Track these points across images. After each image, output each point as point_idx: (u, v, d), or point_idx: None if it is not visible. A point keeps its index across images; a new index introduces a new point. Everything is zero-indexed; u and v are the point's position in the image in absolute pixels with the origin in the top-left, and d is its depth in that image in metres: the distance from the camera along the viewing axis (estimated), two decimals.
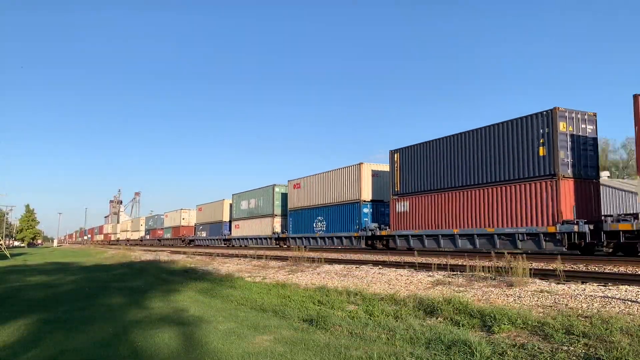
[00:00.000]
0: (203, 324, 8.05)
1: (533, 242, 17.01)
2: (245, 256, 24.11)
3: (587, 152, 17.11)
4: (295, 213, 33.36)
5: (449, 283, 10.37)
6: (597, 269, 11.51)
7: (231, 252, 29.24)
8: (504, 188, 18.12)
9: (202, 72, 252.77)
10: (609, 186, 29.87)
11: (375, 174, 27.14)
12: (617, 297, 7.57)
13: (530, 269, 9.97)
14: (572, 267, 11.77)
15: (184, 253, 33.68)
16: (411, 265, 13.76)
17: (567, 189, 16.45)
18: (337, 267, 15.58)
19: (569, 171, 16.68)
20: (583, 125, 17.32)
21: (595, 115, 17.48)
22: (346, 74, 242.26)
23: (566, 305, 7.41)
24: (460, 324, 7.09)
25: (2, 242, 54.01)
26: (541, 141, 17.01)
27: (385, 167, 25.79)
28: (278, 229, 36.11)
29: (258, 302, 10.33)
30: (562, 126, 16.80)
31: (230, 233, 43.75)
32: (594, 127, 17.46)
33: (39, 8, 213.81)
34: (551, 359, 5.27)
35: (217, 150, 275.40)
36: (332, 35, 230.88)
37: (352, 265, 15.58)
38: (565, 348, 5.52)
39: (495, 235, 18.18)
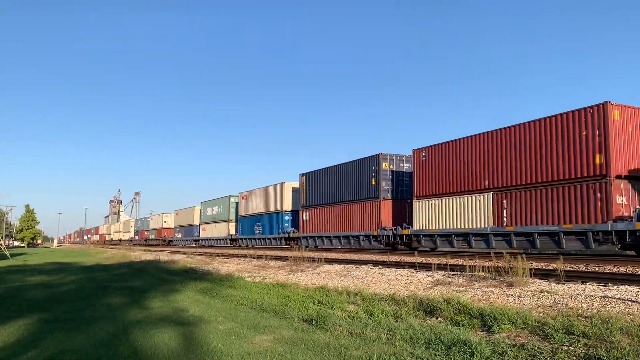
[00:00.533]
0: (203, 324, 8.05)
1: (368, 241, 25.57)
2: (245, 256, 24.11)
3: (403, 182, 25.14)
4: (243, 219, 41.34)
5: (449, 283, 10.37)
6: (597, 269, 11.51)
7: (231, 252, 29.25)
8: (353, 205, 26.73)
9: (202, 72, 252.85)
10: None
11: (295, 190, 34.25)
12: (617, 297, 7.57)
13: (531, 269, 9.96)
14: (572, 267, 11.77)
15: (184, 253, 33.67)
16: (411, 265, 13.76)
17: (386, 207, 24.62)
18: (337, 267, 15.58)
19: (389, 195, 24.82)
20: (401, 164, 25.50)
21: (411, 156, 23.58)
22: (345, 75, 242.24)
23: (566, 305, 7.40)
24: (460, 324, 7.09)
25: (2, 242, 53.99)
26: (373, 175, 25.25)
27: None
28: (233, 231, 43.42)
29: (258, 302, 10.33)
30: (384, 165, 25.02)
31: (199, 235, 51.21)
32: (411, 164, 23.85)
33: (39, 8, 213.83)
34: (551, 359, 5.27)
35: (217, 150, 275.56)
36: (330, 36, 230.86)
37: (352, 265, 15.58)
38: (566, 348, 5.52)
39: (350, 237, 26.77)
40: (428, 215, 21.12)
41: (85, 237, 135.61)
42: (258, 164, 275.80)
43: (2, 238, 59.51)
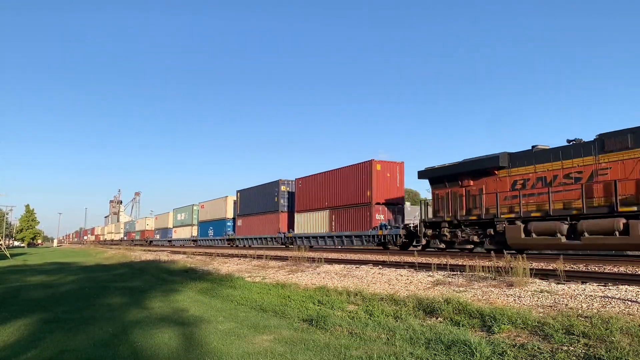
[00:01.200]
0: (203, 324, 8.05)
1: (272, 241, 36.07)
2: (245, 256, 24.12)
3: (293, 200, 34.29)
4: (201, 224, 51.56)
5: (448, 283, 10.37)
6: (597, 269, 11.51)
7: (230, 252, 29.24)
8: (265, 215, 37.54)
9: (202, 73, 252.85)
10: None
11: (235, 202, 43.81)
12: (617, 297, 7.57)
13: (531, 269, 9.96)
14: (572, 267, 11.76)
15: (184, 253, 33.66)
16: (411, 265, 13.76)
17: (283, 217, 35.33)
18: (337, 267, 15.58)
19: (285, 209, 35.55)
20: (293, 187, 34.60)
21: (294, 180, 34.19)
22: (345, 75, 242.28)
23: (566, 305, 7.40)
24: (460, 324, 7.09)
25: (2, 242, 53.97)
26: (275, 194, 35.83)
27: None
28: (195, 233, 53.49)
29: (258, 302, 10.33)
30: (282, 188, 35.63)
31: (172, 236, 61.05)
32: (295, 187, 34.15)
33: (39, 8, 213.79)
34: (551, 359, 5.27)
35: (216, 150, 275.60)
36: (329, 36, 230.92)
37: (352, 265, 15.58)
38: (565, 348, 5.52)
39: (263, 238, 37.52)
40: (301, 223, 32.63)
41: (85, 237, 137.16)
42: (258, 162, 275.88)
43: (2, 238, 59.50)
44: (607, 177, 14.77)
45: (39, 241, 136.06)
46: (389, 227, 24.75)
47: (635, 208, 13.73)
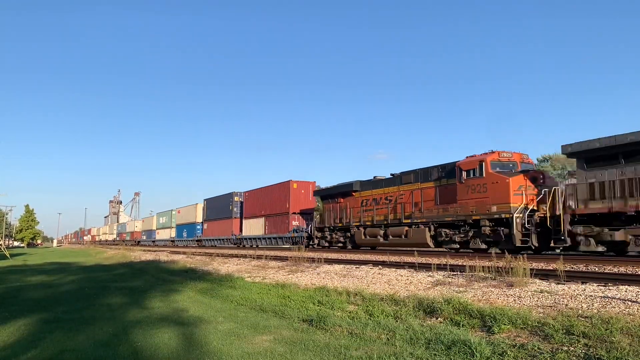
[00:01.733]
0: (203, 324, 8.05)
1: (229, 242, 43.22)
2: (245, 256, 24.12)
3: (242, 208, 41.99)
4: (178, 226, 58.78)
5: (448, 283, 10.36)
6: (597, 269, 11.51)
7: (230, 252, 29.25)
8: (224, 221, 44.39)
9: (202, 73, 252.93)
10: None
11: (203, 208, 50.16)
12: (617, 297, 7.57)
13: (531, 269, 9.96)
14: (572, 267, 11.76)
15: (184, 253, 33.66)
16: (411, 266, 13.75)
17: (236, 223, 42.26)
18: (337, 267, 15.57)
19: (237, 215, 42.48)
20: (243, 197, 41.89)
21: (243, 193, 42.09)
22: (345, 75, 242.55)
23: (566, 305, 7.40)
24: (460, 324, 7.09)
25: (1, 242, 53.95)
26: (230, 203, 42.95)
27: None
28: (173, 235, 60.00)
29: (258, 303, 10.33)
30: (236, 198, 42.65)
31: (156, 237, 66.85)
32: (243, 198, 41.86)
33: (38, 8, 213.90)
34: (551, 359, 5.27)
35: (216, 150, 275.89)
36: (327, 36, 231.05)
37: (352, 266, 15.58)
38: (566, 348, 5.52)
39: (222, 239, 44.75)
40: (247, 227, 40.20)
41: (85, 238, 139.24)
42: (260, 162, 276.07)
43: (2, 238, 59.49)
44: (402, 200, 22.21)
45: (39, 241, 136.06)
46: (299, 231, 32.31)
47: (409, 220, 21.50)
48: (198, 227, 51.00)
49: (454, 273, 11.60)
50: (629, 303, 7.11)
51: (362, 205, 25.07)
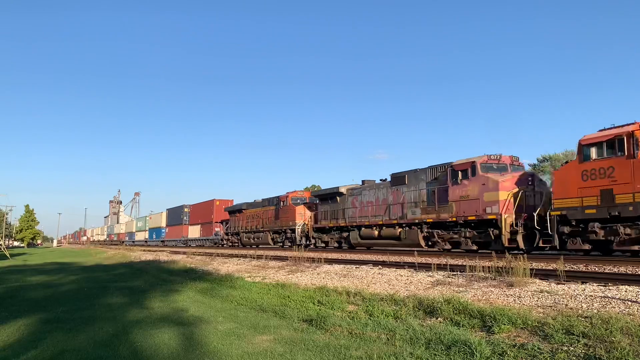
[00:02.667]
0: (203, 324, 8.05)
1: (180, 243, 54.07)
2: (245, 256, 24.11)
3: (189, 217, 54.16)
4: (150, 230, 68.35)
5: (448, 283, 10.36)
6: (597, 269, 11.50)
7: (230, 252, 29.26)
8: (178, 226, 55.96)
9: (202, 73, 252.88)
10: None
11: (166, 216, 61.53)
12: (617, 297, 7.57)
13: (531, 269, 9.95)
14: (572, 267, 11.76)
15: (184, 253, 33.66)
16: (411, 266, 13.75)
17: (185, 228, 53.93)
18: (337, 267, 15.57)
19: (187, 222, 53.96)
20: (190, 209, 53.81)
21: (189, 206, 53.55)
22: (345, 75, 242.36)
23: (566, 305, 7.40)
24: (460, 324, 7.09)
25: (2, 242, 53.97)
26: (182, 214, 54.64)
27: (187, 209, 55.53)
28: (147, 237, 69.52)
29: (258, 302, 10.33)
30: (185, 209, 54.39)
31: (135, 238, 76.46)
32: (190, 209, 53.94)
33: (38, 9, 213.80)
34: (551, 359, 5.27)
35: (216, 149, 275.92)
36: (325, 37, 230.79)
37: (352, 266, 15.57)
38: (565, 348, 5.52)
39: (177, 241, 55.84)
40: (191, 231, 51.16)
41: (82, 238, 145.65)
42: (259, 161, 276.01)
43: (2, 238, 59.51)
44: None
45: (39, 241, 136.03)
46: (218, 235, 45.11)
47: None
48: (163, 230, 62.88)
49: (454, 273, 11.60)
50: (629, 303, 7.10)
51: (247, 218, 37.62)
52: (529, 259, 10.98)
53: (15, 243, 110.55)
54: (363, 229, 24.16)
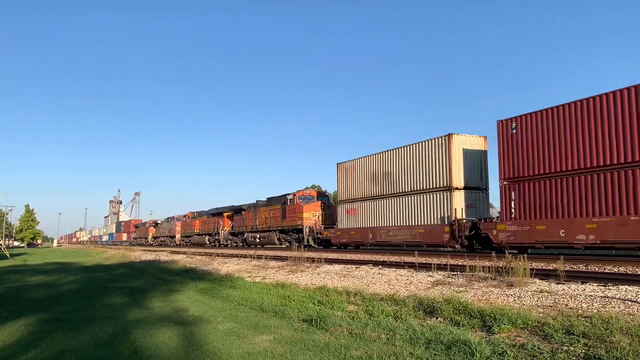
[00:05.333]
0: (203, 324, 8.05)
1: (125, 244, 77.36)
2: (245, 256, 24.11)
3: (128, 227, 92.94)
4: (109, 234, 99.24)
5: (449, 283, 10.36)
6: (597, 269, 11.51)
7: (230, 252, 29.25)
8: (120, 233, 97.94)
9: (202, 73, 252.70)
10: None
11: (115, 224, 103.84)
12: (617, 297, 7.57)
13: (531, 269, 9.96)
14: (572, 267, 11.76)
15: (184, 253, 33.66)
16: (411, 266, 13.76)
17: (125, 235, 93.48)
18: (337, 267, 15.57)
19: (125, 230, 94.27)
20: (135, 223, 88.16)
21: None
22: (344, 76, 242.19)
23: (566, 305, 7.40)
24: (460, 324, 7.09)
25: (2, 242, 53.98)
26: (120, 224, 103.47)
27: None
28: (107, 239, 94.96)
29: (258, 302, 10.33)
30: (132, 222, 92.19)
31: (102, 240, 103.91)
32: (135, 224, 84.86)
33: (38, 9, 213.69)
34: (551, 359, 5.27)
35: (216, 149, 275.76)
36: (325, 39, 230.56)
37: (352, 266, 15.58)
38: (565, 348, 5.52)
39: (123, 242, 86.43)
40: (138, 234, 76.64)
41: (74, 239, 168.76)
42: (260, 161, 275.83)
43: (2, 238, 59.52)
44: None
45: (39, 241, 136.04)
46: (130, 240, 63.66)
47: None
48: (113, 234, 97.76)
49: (454, 273, 11.61)
50: (629, 303, 7.11)
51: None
52: (529, 259, 10.99)
53: (16, 243, 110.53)
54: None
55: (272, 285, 13.06)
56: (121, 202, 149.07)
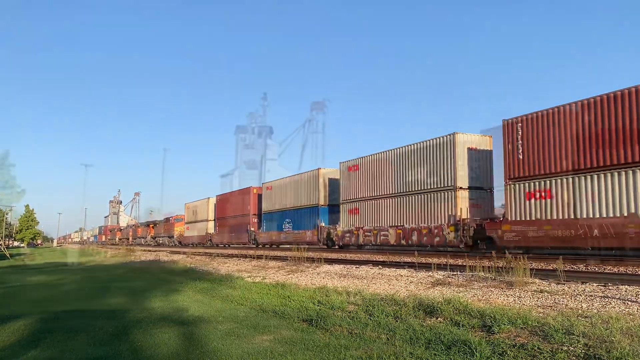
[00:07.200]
0: (203, 323, 8.05)
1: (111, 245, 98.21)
2: (244, 256, 24.13)
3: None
4: (94, 236, 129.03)
5: (449, 283, 10.37)
6: (597, 269, 11.52)
7: (230, 252, 29.26)
8: (101, 235, 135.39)
9: (202, 73, 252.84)
10: None
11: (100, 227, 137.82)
12: (617, 297, 7.57)
13: (531, 269, 9.97)
14: (572, 267, 11.77)
15: (184, 253, 33.68)
16: (411, 265, 13.77)
17: (111, 235, 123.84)
18: (337, 267, 15.58)
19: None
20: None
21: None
22: (344, 76, 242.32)
23: (566, 305, 7.40)
24: (460, 324, 7.09)
25: (2, 242, 54.02)
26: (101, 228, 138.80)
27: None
28: (92, 239, 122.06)
29: (258, 302, 10.33)
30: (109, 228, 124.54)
31: (95, 240, 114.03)
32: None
33: (37, 10, 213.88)
34: (551, 359, 5.27)
35: (216, 149, 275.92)
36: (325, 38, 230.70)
37: (352, 266, 15.59)
38: (565, 348, 5.52)
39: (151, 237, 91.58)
40: (123, 234, 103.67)
41: (68, 240, 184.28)
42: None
43: (2, 238, 59.56)
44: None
45: (39, 241, 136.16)
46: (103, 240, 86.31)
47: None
48: (97, 236, 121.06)
49: (454, 273, 11.62)
50: (629, 303, 7.11)
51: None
52: (529, 259, 11.00)
53: (16, 243, 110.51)
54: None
55: (272, 285, 13.07)
56: (121, 202, 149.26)
